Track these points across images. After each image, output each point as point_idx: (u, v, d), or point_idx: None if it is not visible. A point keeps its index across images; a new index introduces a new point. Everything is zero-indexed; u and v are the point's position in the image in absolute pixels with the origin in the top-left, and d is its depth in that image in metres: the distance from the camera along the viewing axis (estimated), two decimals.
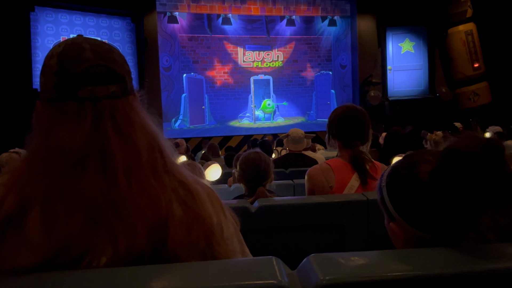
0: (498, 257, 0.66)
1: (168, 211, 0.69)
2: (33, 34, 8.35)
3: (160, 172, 0.73)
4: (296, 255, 1.56)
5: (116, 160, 0.69)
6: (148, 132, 0.76)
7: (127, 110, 0.75)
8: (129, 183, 0.69)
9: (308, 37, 11.50)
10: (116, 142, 0.70)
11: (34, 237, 0.63)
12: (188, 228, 0.70)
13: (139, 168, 0.71)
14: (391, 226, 0.83)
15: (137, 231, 0.66)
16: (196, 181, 0.79)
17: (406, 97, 11.04)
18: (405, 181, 0.80)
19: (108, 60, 0.75)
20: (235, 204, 1.63)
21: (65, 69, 0.72)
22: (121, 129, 0.72)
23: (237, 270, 0.61)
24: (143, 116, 0.77)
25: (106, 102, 0.73)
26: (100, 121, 0.71)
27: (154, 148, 0.75)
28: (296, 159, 3.70)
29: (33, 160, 0.71)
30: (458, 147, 0.73)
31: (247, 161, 1.96)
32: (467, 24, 10.87)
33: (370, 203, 1.59)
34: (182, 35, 10.66)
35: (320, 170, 1.82)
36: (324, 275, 0.59)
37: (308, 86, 11.55)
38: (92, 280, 0.59)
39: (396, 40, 11.24)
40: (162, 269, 0.60)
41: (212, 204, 0.77)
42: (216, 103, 10.95)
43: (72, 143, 0.69)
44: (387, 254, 0.67)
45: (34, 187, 0.67)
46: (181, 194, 0.73)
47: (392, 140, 3.39)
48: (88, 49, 0.74)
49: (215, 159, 4.96)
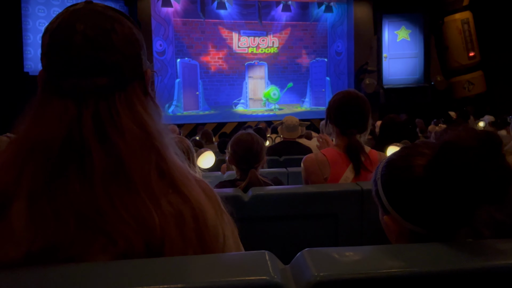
0: (494, 254, 0.65)
1: (163, 227, 0.63)
2: (23, 16, 8.21)
3: (152, 181, 0.65)
4: (289, 244, 1.56)
5: (95, 168, 0.62)
6: (142, 133, 0.66)
7: (117, 107, 0.66)
8: (108, 195, 0.61)
9: (304, 23, 11.40)
10: (96, 148, 0.63)
11: (20, 230, 0.58)
12: (186, 246, 0.64)
13: (123, 177, 0.63)
14: (385, 219, 0.82)
15: (132, 241, 0.61)
16: (197, 184, 0.71)
17: (401, 85, 11.04)
18: (400, 174, 0.79)
19: (100, 46, 0.64)
20: (228, 193, 1.61)
21: (52, 53, 0.65)
22: (104, 133, 0.64)
23: (229, 265, 0.59)
24: (140, 113, 0.68)
25: (91, 100, 0.65)
26: (80, 122, 0.63)
27: (148, 150, 0.66)
28: (291, 146, 3.69)
29: (17, 148, 0.64)
30: (454, 140, 0.72)
31: (239, 142, 1.90)
32: (464, 13, 10.84)
33: (364, 193, 1.58)
34: (176, 19, 10.52)
35: (315, 160, 1.78)
36: (318, 271, 0.58)
37: (303, 73, 11.50)
38: (82, 274, 0.57)
39: (392, 27, 11.19)
40: (149, 264, 0.59)
41: (214, 208, 0.71)
42: (210, 89, 10.88)
43: (51, 142, 0.62)
44: (382, 249, 0.66)
45: (17, 178, 0.61)
46: (180, 208, 0.65)
47: (388, 128, 3.38)
48: (80, 31, 0.64)
49: (208, 146, 4.94)
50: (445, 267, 0.61)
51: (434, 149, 0.75)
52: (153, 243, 0.62)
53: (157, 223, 0.62)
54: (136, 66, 0.69)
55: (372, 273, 0.59)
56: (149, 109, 0.70)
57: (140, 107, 0.68)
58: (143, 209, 0.62)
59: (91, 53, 0.64)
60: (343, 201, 1.61)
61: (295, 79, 11.43)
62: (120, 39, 0.67)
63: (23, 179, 0.61)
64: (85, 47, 0.64)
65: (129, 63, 0.68)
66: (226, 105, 11.00)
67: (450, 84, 11.16)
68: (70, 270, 0.57)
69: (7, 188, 0.61)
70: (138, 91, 0.69)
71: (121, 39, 0.67)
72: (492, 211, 0.72)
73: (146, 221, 0.62)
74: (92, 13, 0.67)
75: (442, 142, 0.73)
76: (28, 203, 0.60)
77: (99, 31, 0.65)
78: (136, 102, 0.68)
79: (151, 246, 0.62)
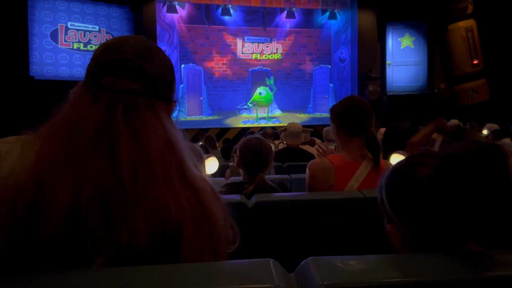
0: (497, 264, 0.65)
1: (180, 222, 0.67)
2: (30, 21, 8.28)
3: (173, 179, 0.70)
4: (292, 251, 1.56)
5: (122, 153, 0.68)
6: (165, 137, 0.73)
7: (145, 110, 0.73)
8: (134, 180, 0.67)
9: (308, 30, 11.44)
10: (125, 136, 0.69)
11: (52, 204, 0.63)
12: (201, 244, 0.69)
13: (147, 168, 0.68)
14: (389, 228, 0.82)
15: (138, 230, 0.64)
16: (210, 190, 0.77)
17: (405, 92, 11.03)
18: (404, 184, 0.79)
19: (143, 58, 0.74)
20: (232, 199, 1.61)
21: (100, 57, 0.75)
22: (133, 125, 0.71)
23: (234, 273, 0.60)
24: (164, 123, 0.75)
25: (123, 95, 0.72)
26: (112, 111, 0.71)
27: (170, 153, 0.72)
28: (294, 153, 3.69)
29: (59, 127, 0.71)
30: (459, 152, 0.72)
31: (248, 146, 1.90)
32: (468, 21, 10.84)
33: (368, 201, 1.59)
34: (181, 25, 10.57)
35: (321, 166, 1.77)
36: (323, 280, 0.58)
37: (306, 79, 11.52)
38: (89, 280, 0.57)
39: (396, 35, 11.21)
40: (155, 270, 0.59)
41: (222, 214, 0.76)
42: (214, 95, 10.91)
43: (85, 122, 0.69)
44: (386, 259, 0.66)
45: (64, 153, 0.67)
46: (197, 209, 0.70)
47: (391, 136, 3.38)
48: (130, 44, 0.75)
49: (212, 151, 4.95)
50: (448, 277, 0.61)
51: (439, 160, 0.75)
52: (168, 232, 0.66)
53: (174, 214, 0.67)
54: (166, 88, 0.79)
55: (376, 282, 0.59)
56: (172, 125, 0.78)
57: (164, 119, 0.76)
58: (162, 199, 0.67)
59: (134, 59, 0.74)
60: (346, 209, 1.61)
61: (299, 86, 11.44)
62: (161, 61, 0.78)
63: (69, 155, 0.67)
64: (130, 54, 0.74)
65: (162, 82, 0.77)
66: (229, 111, 11.02)
67: (454, 92, 11.14)
68: (78, 276, 0.58)
69: (55, 161, 0.66)
70: (163, 109, 0.77)
71: (162, 62, 0.78)
72: (498, 223, 0.71)
73: (163, 210, 0.66)
74: (143, 39, 0.79)
75: (446, 154, 0.73)
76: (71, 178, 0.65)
77: (145, 48, 0.76)
78: (160, 114, 0.76)
79: (165, 236, 0.66)
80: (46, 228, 0.61)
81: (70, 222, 0.62)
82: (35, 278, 0.58)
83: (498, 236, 0.72)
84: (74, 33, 8.89)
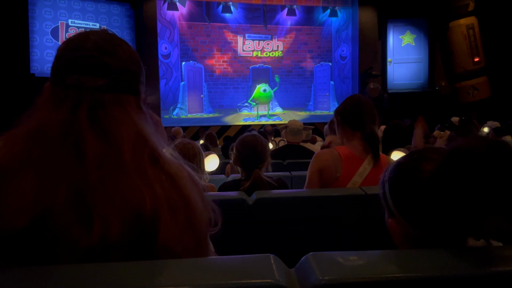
0: (499, 260, 0.65)
1: (156, 208, 0.67)
2: (30, 18, 8.27)
3: (146, 168, 0.70)
4: (292, 248, 1.56)
5: (87, 149, 0.68)
6: (135, 130, 0.73)
7: (112, 106, 0.72)
8: (102, 174, 0.67)
9: (309, 28, 11.42)
10: (89, 134, 0.69)
11: (23, 198, 0.63)
12: (179, 230, 0.69)
13: (117, 161, 0.68)
14: (390, 222, 0.82)
15: (110, 222, 0.64)
16: (189, 180, 0.76)
17: (406, 90, 11.01)
18: (407, 178, 0.79)
19: (106, 53, 0.73)
20: (233, 196, 1.61)
21: (63, 55, 0.74)
22: (100, 122, 0.70)
23: (234, 268, 0.60)
24: (132, 116, 0.74)
25: (88, 93, 0.71)
26: (77, 110, 0.70)
27: (141, 144, 0.72)
28: (295, 150, 3.69)
29: (24, 129, 0.71)
30: (463, 147, 0.71)
31: (243, 143, 1.96)
32: (469, 18, 10.81)
33: (369, 198, 1.59)
34: (182, 23, 10.56)
35: (330, 156, 1.82)
36: (323, 275, 0.58)
37: (307, 77, 11.50)
38: (86, 275, 0.58)
39: (397, 32, 11.18)
40: (155, 266, 0.59)
41: (201, 198, 0.76)
42: (214, 92, 10.91)
43: (48, 126, 0.69)
44: (387, 254, 0.66)
45: (26, 152, 0.67)
46: (172, 194, 0.71)
47: (392, 133, 3.38)
48: (91, 39, 0.74)
49: (212, 149, 4.95)
50: (449, 272, 0.61)
51: (443, 155, 0.75)
52: (143, 220, 0.66)
53: (148, 201, 0.67)
54: (133, 81, 0.77)
55: (376, 278, 0.59)
56: (142, 118, 0.77)
57: (133, 112, 0.75)
58: (135, 188, 0.67)
59: (97, 55, 0.73)
60: (347, 205, 1.61)
61: (299, 83, 11.43)
62: (125, 54, 0.76)
63: (30, 153, 0.67)
64: (92, 50, 0.73)
65: (128, 75, 0.76)
66: (230, 108, 11.01)
67: (455, 89, 11.12)
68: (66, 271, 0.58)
69: (15, 159, 0.67)
70: (132, 102, 0.76)
71: (126, 54, 0.76)
72: (499, 220, 0.71)
73: (136, 200, 0.66)
74: (105, 32, 0.78)
75: (451, 149, 0.73)
76: (33, 174, 0.65)
77: (107, 42, 0.75)
78: (128, 108, 0.75)
79: (140, 224, 0.66)
80: (9, 224, 0.62)
81: (37, 219, 0.63)
82: (22, 272, 0.58)
83: (500, 234, 0.71)
84: (75, 30, 8.88)
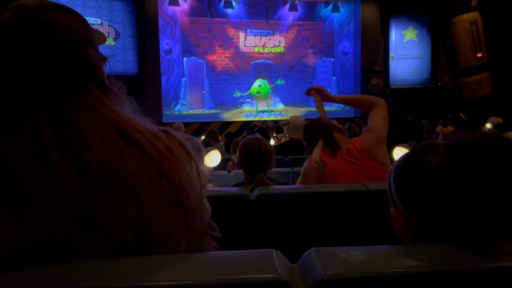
0: (501, 255, 0.65)
1: (145, 219, 0.63)
2: None
3: (126, 174, 0.63)
4: (294, 243, 1.56)
5: (61, 176, 0.61)
6: (108, 130, 0.65)
7: (74, 114, 0.64)
8: (84, 196, 0.61)
9: (311, 23, 11.37)
10: (58, 157, 0.61)
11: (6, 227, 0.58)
12: (171, 224, 0.66)
13: (94, 180, 0.62)
14: (392, 211, 0.83)
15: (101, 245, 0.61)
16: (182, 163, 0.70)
17: (408, 85, 10.98)
18: (410, 169, 0.79)
19: (38, 59, 0.62)
20: (235, 192, 1.62)
21: None
22: (66, 141, 0.62)
23: (236, 263, 0.60)
24: (101, 112, 0.66)
25: (46, 112, 0.63)
26: (39, 134, 0.62)
27: (116, 147, 0.64)
28: (296, 146, 3.69)
29: None
30: (466, 141, 0.72)
31: (246, 147, 1.96)
32: (472, 13, 10.76)
33: (370, 193, 1.59)
34: (183, 18, 10.54)
35: (313, 166, 1.91)
36: (325, 270, 0.58)
37: (309, 72, 11.47)
38: (89, 271, 0.58)
39: (400, 28, 11.13)
40: (156, 261, 0.59)
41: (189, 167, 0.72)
42: (216, 88, 10.89)
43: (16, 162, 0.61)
44: (389, 249, 0.66)
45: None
46: (161, 185, 0.66)
47: (394, 129, 3.37)
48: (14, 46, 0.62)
49: (214, 145, 4.96)
50: (452, 267, 0.61)
51: (447, 148, 0.75)
52: (139, 234, 0.63)
53: (136, 215, 0.62)
54: (83, 65, 0.67)
55: (379, 273, 0.59)
56: (111, 104, 0.68)
57: (100, 106, 0.66)
58: (120, 204, 0.62)
59: (32, 68, 0.62)
60: (348, 201, 1.61)
61: (301, 79, 11.40)
62: (57, 43, 0.64)
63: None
64: (23, 64, 0.62)
65: (74, 65, 0.65)
66: (231, 104, 11.00)
67: (457, 85, 11.09)
68: (65, 267, 0.58)
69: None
70: (93, 90, 0.67)
71: (58, 43, 0.64)
72: (500, 217, 0.71)
73: (125, 215, 0.62)
74: (23, 22, 0.64)
75: (454, 142, 0.73)
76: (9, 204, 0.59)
77: (32, 42, 0.63)
78: (94, 103, 0.66)
79: (138, 237, 0.63)
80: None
81: (38, 249, 0.59)
82: (26, 270, 0.58)
83: (500, 230, 0.71)
84: None
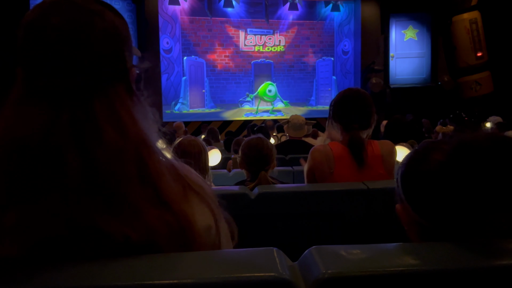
0: (503, 253, 0.65)
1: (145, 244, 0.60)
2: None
3: (133, 195, 0.60)
4: (295, 242, 1.56)
5: (69, 179, 0.58)
6: (126, 140, 0.61)
7: (96, 113, 0.61)
8: (82, 208, 0.58)
9: (311, 22, 11.37)
10: (72, 157, 0.58)
11: (11, 227, 0.57)
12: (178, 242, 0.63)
13: (100, 192, 0.59)
14: (397, 207, 0.83)
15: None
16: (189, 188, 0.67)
17: (408, 85, 10.98)
18: (415, 165, 0.80)
19: (75, 44, 0.60)
20: (235, 190, 1.62)
21: (26, 49, 0.61)
22: (82, 141, 0.59)
23: (237, 261, 0.60)
24: (123, 119, 0.62)
25: (68, 103, 0.60)
26: (55, 127, 0.59)
27: (130, 162, 0.61)
28: (296, 145, 3.69)
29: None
30: (471, 140, 0.72)
31: (249, 146, 1.98)
32: (472, 12, 10.74)
33: (371, 192, 1.58)
34: (184, 17, 10.53)
35: (323, 153, 1.80)
36: (326, 268, 0.58)
37: (309, 72, 11.47)
38: (89, 271, 0.57)
39: (400, 27, 11.12)
40: (157, 260, 0.59)
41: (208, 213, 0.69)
42: (216, 87, 10.89)
43: (26, 146, 0.58)
44: (390, 248, 0.66)
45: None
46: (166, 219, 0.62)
47: (394, 128, 3.37)
48: (55, 26, 0.59)
49: (214, 144, 4.96)
50: (454, 265, 0.60)
51: (452, 146, 0.76)
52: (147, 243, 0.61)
53: (136, 240, 0.59)
54: (117, 65, 0.64)
55: (380, 271, 0.59)
56: (134, 113, 0.65)
57: (123, 112, 0.63)
58: (125, 225, 0.59)
59: (66, 51, 0.59)
60: (349, 200, 1.61)
61: (301, 78, 11.40)
62: (99, 35, 0.62)
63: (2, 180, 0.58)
64: (59, 44, 0.59)
65: (109, 62, 0.63)
66: (232, 103, 11.00)
67: (457, 84, 11.08)
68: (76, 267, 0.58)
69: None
70: (121, 92, 0.64)
71: (100, 35, 0.62)
72: (502, 217, 0.71)
73: (136, 220, 0.60)
74: (70, 5, 0.62)
75: (458, 141, 0.73)
76: (14, 205, 0.57)
77: (75, 26, 0.60)
78: (118, 107, 0.63)
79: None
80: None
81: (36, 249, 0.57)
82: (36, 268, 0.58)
83: (501, 230, 0.71)
84: None
